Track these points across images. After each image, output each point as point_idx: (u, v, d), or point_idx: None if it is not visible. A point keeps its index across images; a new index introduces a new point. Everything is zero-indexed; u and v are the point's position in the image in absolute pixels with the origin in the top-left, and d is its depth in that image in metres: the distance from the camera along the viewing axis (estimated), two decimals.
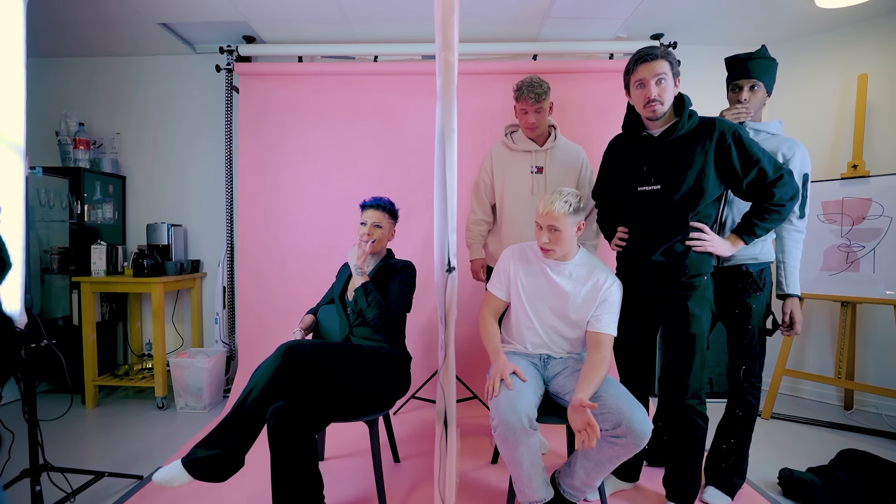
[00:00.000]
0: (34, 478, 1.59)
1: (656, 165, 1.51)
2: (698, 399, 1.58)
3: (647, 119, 1.52)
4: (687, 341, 1.54)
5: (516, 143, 2.02)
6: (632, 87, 1.50)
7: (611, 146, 1.71)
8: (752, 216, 1.52)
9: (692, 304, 1.53)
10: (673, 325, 1.56)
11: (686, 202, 1.48)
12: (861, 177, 2.57)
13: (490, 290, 1.70)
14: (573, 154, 2.03)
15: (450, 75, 0.96)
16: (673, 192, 1.49)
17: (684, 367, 1.55)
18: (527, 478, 1.38)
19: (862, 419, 2.63)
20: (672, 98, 1.47)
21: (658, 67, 1.42)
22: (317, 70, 2.90)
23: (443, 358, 1.13)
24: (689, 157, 1.46)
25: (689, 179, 1.46)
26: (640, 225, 1.59)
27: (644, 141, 1.55)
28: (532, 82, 1.88)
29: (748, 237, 1.53)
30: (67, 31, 2.81)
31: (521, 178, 1.99)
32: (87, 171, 2.89)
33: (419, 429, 2.41)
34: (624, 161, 1.63)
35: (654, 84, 1.43)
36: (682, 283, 1.54)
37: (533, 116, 1.91)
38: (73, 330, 2.79)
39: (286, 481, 1.38)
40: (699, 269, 1.53)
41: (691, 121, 1.48)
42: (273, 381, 1.45)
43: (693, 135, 1.47)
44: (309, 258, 2.87)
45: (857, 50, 2.77)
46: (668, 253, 1.53)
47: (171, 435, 2.36)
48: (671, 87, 1.45)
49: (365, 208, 1.83)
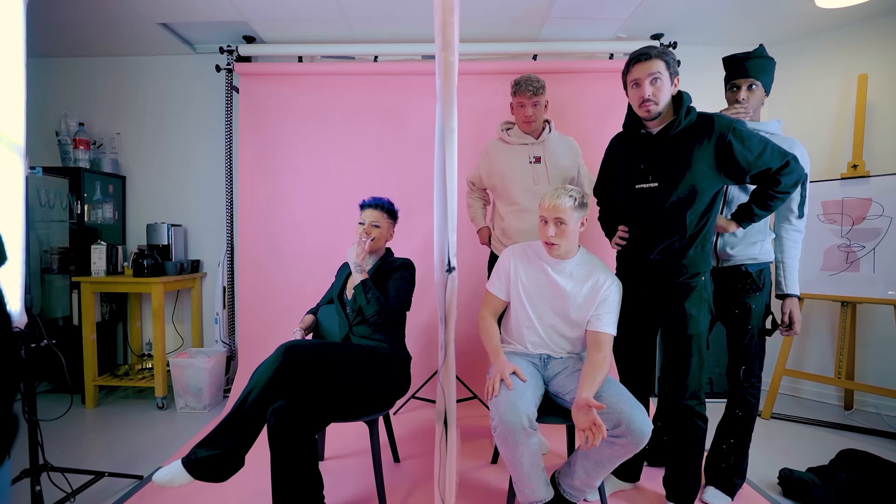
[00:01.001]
0: (34, 478, 1.59)
1: (654, 163, 1.51)
2: (697, 399, 1.58)
3: (643, 119, 1.52)
4: (684, 342, 1.53)
5: (512, 137, 2.05)
6: (628, 86, 1.51)
7: (612, 144, 1.71)
8: (753, 202, 1.52)
9: (689, 304, 1.53)
10: (670, 325, 1.56)
11: (683, 200, 1.47)
12: (861, 177, 2.56)
13: (489, 290, 1.70)
14: (569, 144, 2.08)
15: (450, 75, 0.96)
16: (670, 190, 1.48)
17: (682, 368, 1.55)
18: (527, 478, 1.38)
19: (862, 419, 2.62)
20: (668, 97, 1.47)
21: (653, 67, 1.42)
22: (317, 70, 2.90)
23: (443, 358, 1.13)
24: (687, 155, 1.45)
25: (685, 177, 1.45)
26: (639, 223, 1.59)
27: (642, 139, 1.54)
28: (530, 77, 1.93)
29: (746, 223, 1.55)
30: (67, 32, 2.80)
31: (522, 169, 2.01)
32: (87, 171, 2.88)
33: (419, 429, 2.41)
34: (623, 159, 1.62)
35: (648, 84, 1.43)
36: (680, 283, 1.53)
37: (530, 110, 1.94)
38: (73, 330, 2.79)
39: (286, 481, 1.38)
40: (697, 269, 1.53)
41: (689, 117, 1.46)
42: (273, 381, 1.45)
43: (691, 132, 1.47)
44: (309, 258, 2.87)
45: (858, 50, 2.76)
46: (666, 252, 1.53)
47: (171, 435, 2.35)
48: (667, 86, 1.45)
49: (364, 208, 1.84)
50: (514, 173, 2.01)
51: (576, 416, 1.34)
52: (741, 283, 1.67)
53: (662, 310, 1.58)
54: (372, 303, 1.69)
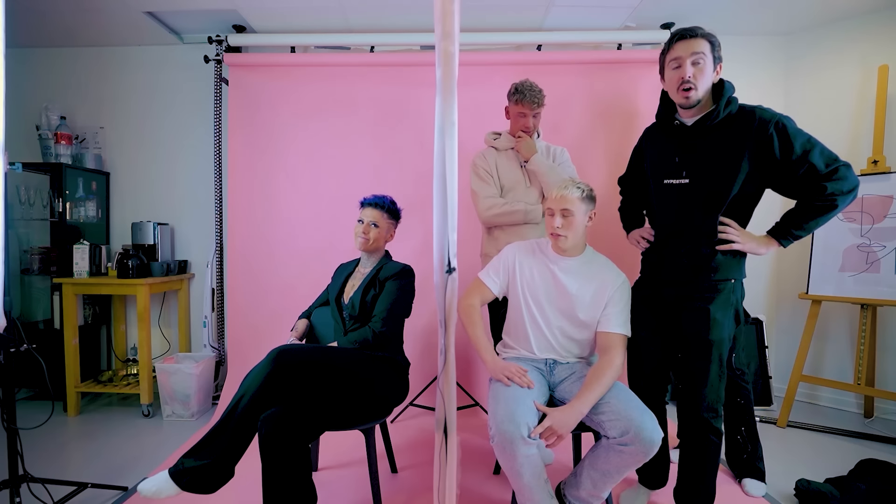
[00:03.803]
0: (14, 489, 1.57)
1: (687, 157, 1.44)
2: (714, 413, 1.50)
3: (680, 106, 1.45)
4: (704, 348, 1.46)
5: (502, 143, 2.09)
6: (667, 67, 1.43)
7: (645, 135, 1.67)
8: (793, 215, 1.41)
9: (714, 307, 1.45)
10: (691, 328, 1.48)
11: (715, 200, 1.41)
12: (882, 173, 2.50)
13: (483, 280, 1.64)
14: (557, 150, 2.12)
15: (450, 66, 0.94)
16: (702, 187, 1.42)
17: (700, 377, 1.47)
18: (528, 490, 1.35)
19: (882, 427, 2.58)
20: (709, 84, 1.39)
21: (697, 46, 1.35)
22: (310, 61, 2.87)
23: (442, 363, 1.10)
24: (723, 150, 1.38)
25: (720, 175, 1.39)
26: (665, 221, 1.53)
27: (676, 131, 1.48)
28: (532, 87, 1.97)
29: (786, 241, 1.42)
30: (48, 20, 2.75)
31: (514, 174, 2.05)
32: (69, 167, 2.85)
33: (418, 437, 2.38)
34: (655, 151, 1.57)
35: (689, 64, 1.36)
36: (706, 286, 1.47)
37: (531, 120, 2.01)
38: (55, 334, 2.75)
39: (278, 493, 1.37)
40: (727, 274, 1.46)
41: (728, 108, 1.39)
42: (264, 387, 1.44)
43: (730, 125, 1.38)
44: (302, 259, 2.84)
45: (878, 40, 2.70)
46: (693, 254, 1.47)
47: (157, 444, 2.31)
48: (709, 70, 1.37)
49: (364, 206, 1.82)
50: (509, 179, 2.04)
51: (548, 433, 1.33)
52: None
53: (684, 312, 1.50)
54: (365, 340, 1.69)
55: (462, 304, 1.60)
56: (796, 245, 3.21)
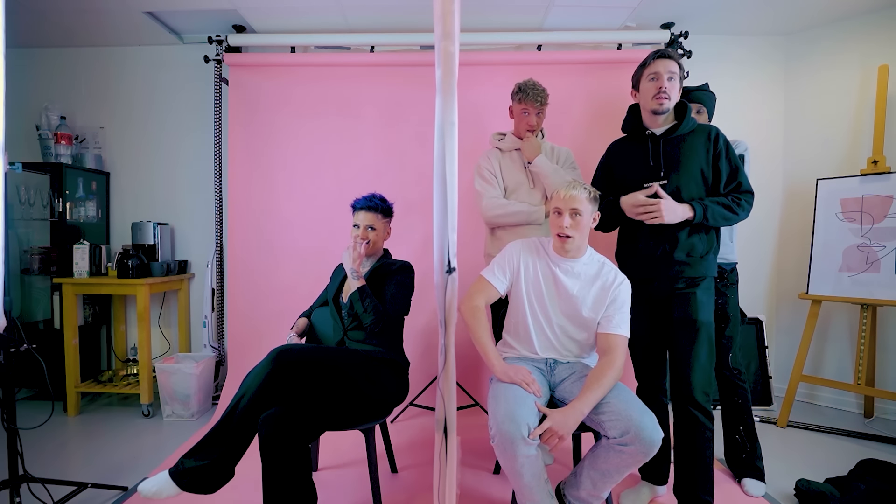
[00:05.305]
0: (14, 489, 1.57)
1: (664, 160, 1.61)
2: (706, 396, 1.57)
3: (651, 113, 1.62)
4: (692, 330, 1.56)
5: (507, 144, 2.10)
6: (644, 79, 1.62)
7: (611, 150, 1.80)
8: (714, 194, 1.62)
9: (700, 291, 1.59)
10: (679, 311, 1.59)
11: (693, 196, 1.58)
12: (882, 173, 2.50)
13: (487, 278, 1.62)
14: (562, 151, 2.13)
15: (450, 66, 0.95)
16: (681, 185, 1.58)
17: (690, 359, 1.55)
18: (528, 490, 1.35)
19: (883, 427, 2.57)
20: (677, 99, 1.62)
21: (672, 66, 1.58)
22: (310, 61, 2.86)
23: (443, 363, 1.10)
24: (695, 152, 1.60)
25: (695, 173, 1.59)
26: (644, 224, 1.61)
27: (648, 139, 1.65)
28: (536, 86, 2.00)
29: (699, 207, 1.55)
30: (48, 20, 2.75)
31: (518, 174, 2.05)
32: (69, 167, 2.84)
33: (418, 437, 2.37)
34: (628, 160, 1.71)
35: (666, 79, 1.57)
36: (688, 280, 1.61)
37: (534, 119, 2.02)
38: (55, 334, 2.74)
39: (278, 493, 1.36)
40: (704, 272, 1.61)
41: (692, 122, 1.64)
42: (264, 387, 1.43)
43: (693, 135, 1.62)
44: (302, 258, 2.83)
45: (878, 39, 2.70)
46: (675, 248, 1.59)
47: (157, 444, 2.31)
48: (678, 88, 1.61)
49: (356, 209, 1.80)
50: (513, 181, 2.05)
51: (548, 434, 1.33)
52: (720, 277, 1.93)
53: (672, 301, 1.62)
54: (369, 311, 1.67)
55: (467, 307, 1.58)
56: (796, 245, 3.22)
